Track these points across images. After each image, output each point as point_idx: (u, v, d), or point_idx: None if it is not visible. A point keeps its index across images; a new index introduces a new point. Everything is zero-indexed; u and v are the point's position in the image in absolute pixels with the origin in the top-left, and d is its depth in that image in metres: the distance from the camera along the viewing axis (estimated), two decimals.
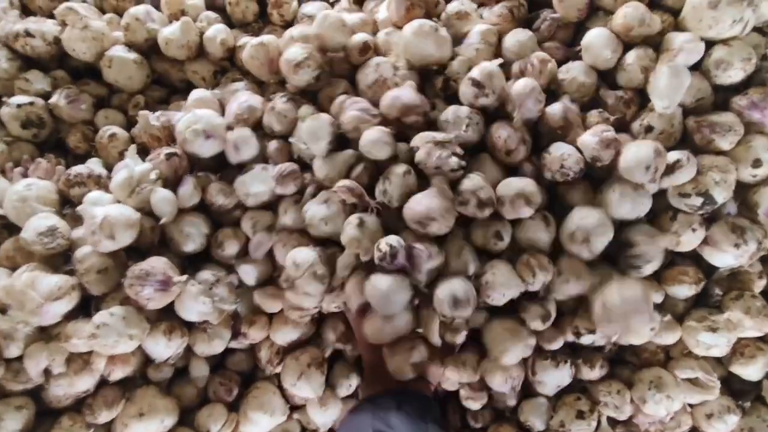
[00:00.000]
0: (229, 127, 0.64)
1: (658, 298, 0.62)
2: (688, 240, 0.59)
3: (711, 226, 0.59)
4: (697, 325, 0.62)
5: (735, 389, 0.68)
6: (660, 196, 0.60)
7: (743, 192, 0.60)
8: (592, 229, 0.56)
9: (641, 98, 0.62)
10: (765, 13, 0.59)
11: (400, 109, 0.58)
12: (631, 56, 0.61)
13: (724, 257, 0.59)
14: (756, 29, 0.61)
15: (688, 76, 0.55)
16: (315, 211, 0.59)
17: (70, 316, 0.59)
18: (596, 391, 0.66)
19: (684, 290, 0.61)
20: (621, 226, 0.58)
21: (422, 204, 0.54)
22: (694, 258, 0.63)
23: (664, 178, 0.56)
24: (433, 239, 0.56)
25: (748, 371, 0.65)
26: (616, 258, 0.59)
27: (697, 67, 0.60)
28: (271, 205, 0.65)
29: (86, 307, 0.61)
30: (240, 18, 0.80)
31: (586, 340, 0.62)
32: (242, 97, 0.65)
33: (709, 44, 0.58)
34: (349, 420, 0.55)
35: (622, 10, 0.60)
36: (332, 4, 0.78)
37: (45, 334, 0.59)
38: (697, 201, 0.57)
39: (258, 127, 0.66)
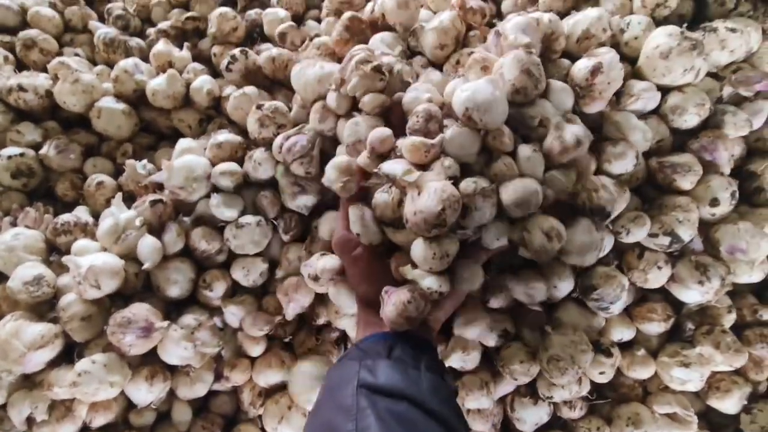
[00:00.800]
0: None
1: (629, 334, 0.64)
2: (655, 277, 0.60)
3: (677, 263, 0.61)
4: (669, 360, 0.63)
5: (714, 423, 0.69)
6: None
7: (706, 229, 0.63)
8: None
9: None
10: (719, 59, 0.63)
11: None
12: None
13: (690, 294, 0.60)
14: (711, 74, 0.64)
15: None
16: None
17: (53, 363, 0.60)
18: (576, 428, 0.67)
19: (654, 327, 0.63)
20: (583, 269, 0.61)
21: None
22: (665, 292, 0.65)
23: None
24: None
25: (725, 405, 0.66)
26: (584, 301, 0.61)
27: (655, 112, 0.63)
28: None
29: (69, 353, 0.62)
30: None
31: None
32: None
33: (666, 90, 0.62)
34: (336, 368, 0.49)
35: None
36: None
37: (28, 382, 0.60)
38: (665, 240, 0.59)
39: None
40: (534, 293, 0.58)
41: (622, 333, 0.64)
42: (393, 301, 0.48)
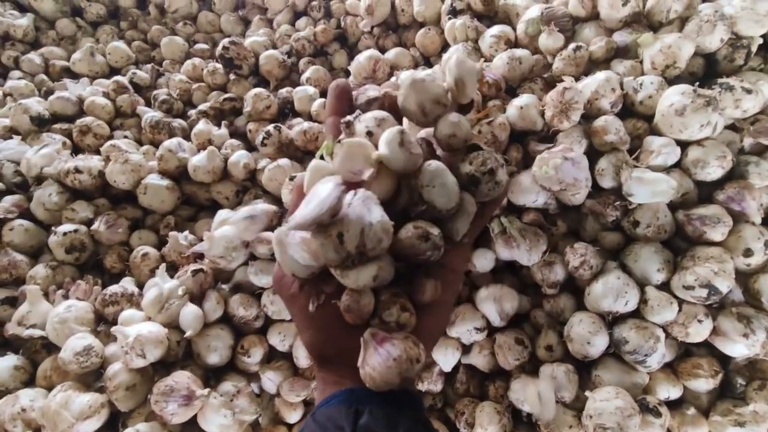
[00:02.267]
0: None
1: (676, 392, 0.61)
2: (697, 331, 0.59)
3: (718, 315, 0.60)
4: (722, 419, 0.60)
5: None
6: (663, 287, 0.62)
7: (744, 279, 0.62)
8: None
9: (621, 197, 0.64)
10: (734, 115, 0.64)
11: None
12: (604, 162, 0.64)
13: (736, 347, 0.59)
14: (730, 126, 0.66)
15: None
16: None
17: None
18: None
19: (702, 384, 0.61)
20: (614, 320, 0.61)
21: None
22: (710, 346, 0.63)
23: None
24: None
25: None
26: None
27: (677, 165, 0.64)
28: None
29: (113, 422, 0.63)
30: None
31: None
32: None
33: (685, 144, 0.64)
34: (320, 414, 0.37)
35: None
36: None
37: None
38: (702, 293, 0.58)
39: None
40: None
41: (669, 391, 0.61)
42: (384, 356, 0.36)
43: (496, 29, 0.79)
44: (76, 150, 0.90)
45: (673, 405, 0.63)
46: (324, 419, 0.36)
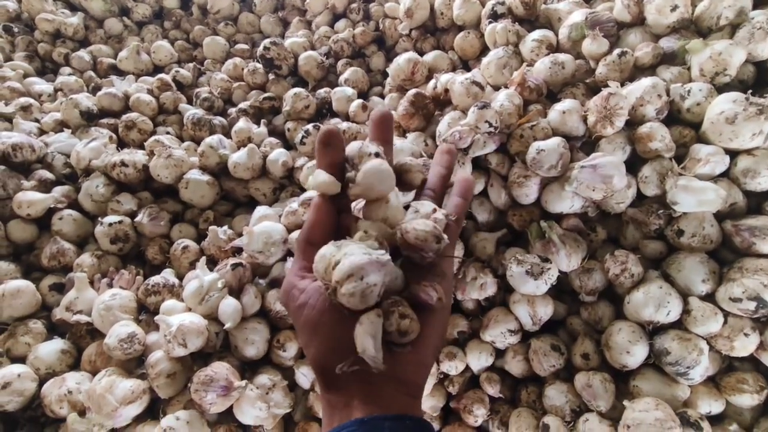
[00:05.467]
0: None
1: (718, 407, 0.60)
2: (743, 345, 0.58)
3: (765, 330, 0.58)
4: None
5: None
6: (707, 298, 0.60)
7: None
8: None
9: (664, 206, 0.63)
10: None
11: None
12: (648, 169, 0.64)
13: None
14: None
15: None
16: None
17: (139, 418, 0.63)
18: None
19: (746, 399, 0.59)
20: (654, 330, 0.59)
21: None
22: (755, 361, 0.61)
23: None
24: None
25: None
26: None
27: (726, 175, 0.63)
28: None
29: (152, 408, 0.65)
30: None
31: None
32: None
33: (734, 153, 0.62)
34: None
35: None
36: None
37: None
38: (750, 305, 0.57)
39: None
40: None
41: (711, 405, 0.60)
42: None
43: (537, 33, 0.78)
44: (121, 144, 0.93)
45: (715, 420, 0.61)
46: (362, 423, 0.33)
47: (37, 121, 0.96)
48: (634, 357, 0.60)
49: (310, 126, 0.84)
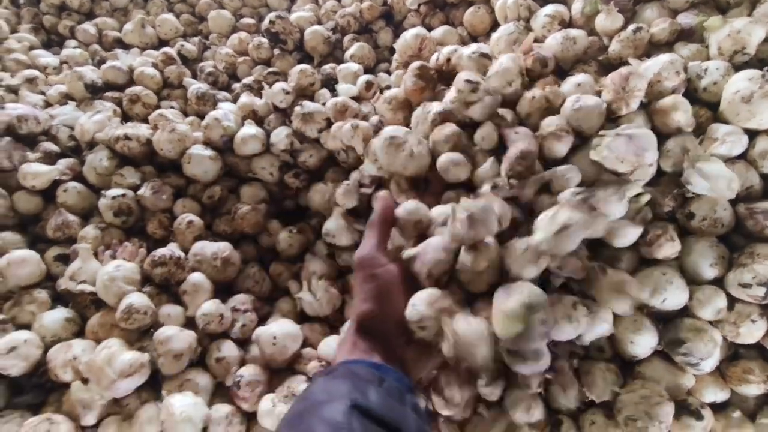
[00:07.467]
0: None
1: (723, 396, 0.59)
2: (749, 332, 0.56)
3: None
4: None
5: None
6: (715, 283, 0.59)
7: None
8: None
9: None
10: None
11: None
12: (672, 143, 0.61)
13: None
14: None
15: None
16: None
17: (139, 389, 0.64)
18: None
19: (752, 389, 0.58)
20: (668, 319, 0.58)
21: None
22: (761, 348, 0.60)
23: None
24: None
25: None
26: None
27: (743, 157, 0.60)
28: None
29: (155, 379, 0.66)
30: None
31: None
32: None
33: (753, 134, 0.60)
34: (324, 382, 0.44)
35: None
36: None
37: (117, 406, 0.64)
38: (760, 291, 0.55)
39: None
40: None
41: (716, 394, 0.59)
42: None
43: (549, 8, 0.75)
44: (125, 118, 0.92)
45: (718, 407, 0.60)
46: (356, 369, 0.43)
47: (42, 93, 0.96)
48: (638, 347, 0.58)
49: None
